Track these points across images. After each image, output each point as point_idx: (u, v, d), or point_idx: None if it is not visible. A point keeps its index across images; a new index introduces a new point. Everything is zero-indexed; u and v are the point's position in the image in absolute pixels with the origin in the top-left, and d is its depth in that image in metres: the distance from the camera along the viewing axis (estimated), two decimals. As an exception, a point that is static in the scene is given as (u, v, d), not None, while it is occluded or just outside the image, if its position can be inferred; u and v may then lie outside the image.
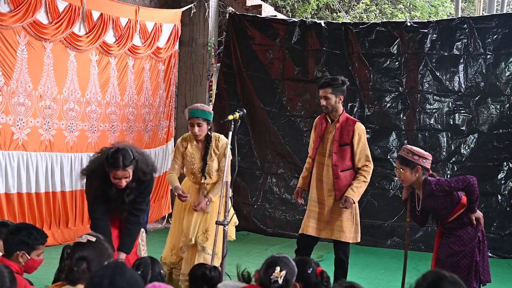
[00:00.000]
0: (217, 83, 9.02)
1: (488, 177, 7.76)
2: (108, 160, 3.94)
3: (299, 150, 8.35)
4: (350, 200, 4.87)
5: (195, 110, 4.79)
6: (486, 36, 7.98)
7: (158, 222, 8.91)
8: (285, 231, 8.30)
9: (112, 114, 7.77)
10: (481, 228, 4.22)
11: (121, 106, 7.91)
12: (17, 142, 6.49)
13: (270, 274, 2.75)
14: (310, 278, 2.90)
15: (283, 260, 2.83)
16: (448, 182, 4.15)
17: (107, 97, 7.65)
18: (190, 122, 4.79)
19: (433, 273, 2.22)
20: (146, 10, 8.23)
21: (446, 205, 4.18)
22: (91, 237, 2.70)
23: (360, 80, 8.38)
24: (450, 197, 4.17)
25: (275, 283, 2.73)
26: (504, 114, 7.88)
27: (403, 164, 4.25)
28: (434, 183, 4.15)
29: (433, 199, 4.18)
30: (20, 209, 6.54)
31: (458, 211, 4.19)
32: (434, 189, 4.13)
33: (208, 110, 4.85)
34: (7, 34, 6.28)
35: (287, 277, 2.76)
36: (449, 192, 4.14)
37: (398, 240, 7.90)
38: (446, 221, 4.25)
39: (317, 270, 2.96)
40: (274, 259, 2.84)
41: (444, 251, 4.22)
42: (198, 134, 4.79)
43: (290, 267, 2.82)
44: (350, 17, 14.76)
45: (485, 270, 4.20)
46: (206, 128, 4.82)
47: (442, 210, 4.20)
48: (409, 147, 4.33)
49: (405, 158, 4.25)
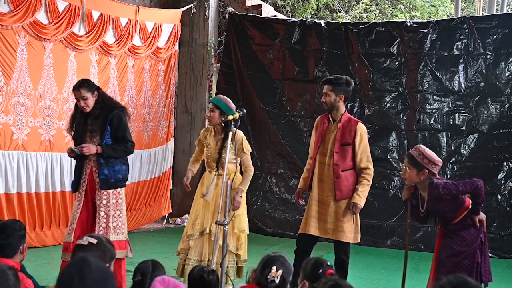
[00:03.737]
0: (217, 83, 9.02)
1: (488, 177, 7.75)
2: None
3: (299, 150, 8.35)
4: (358, 205, 4.88)
5: (214, 98, 5.28)
6: (486, 36, 7.98)
7: (158, 222, 8.91)
8: (285, 231, 8.30)
9: (112, 114, 7.76)
10: (484, 229, 4.21)
11: (121, 106, 7.90)
12: (17, 142, 6.49)
13: (267, 273, 2.74)
14: (319, 278, 2.92)
15: (279, 259, 2.83)
16: (455, 186, 4.09)
17: (107, 97, 7.65)
18: (208, 106, 5.27)
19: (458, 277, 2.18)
20: (146, 10, 8.23)
21: (451, 207, 4.15)
22: (92, 239, 2.69)
23: (360, 80, 8.38)
24: (455, 200, 4.14)
25: (272, 283, 2.73)
26: (504, 114, 7.88)
27: (411, 164, 4.18)
28: (441, 186, 4.09)
29: (439, 202, 4.15)
30: (20, 209, 6.53)
31: (462, 214, 4.17)
32: (441, 192, 4.07)
33: (225, 101, 5.12)
34: (7, 34, 6.28)
35: (283, 276, 2.77)
36: (456, 195, 4.11)
37: (398, 240, 7.90)
38: (450, 223, 4.23)
39: (327, 271, 2.97)
40: (270, 258, 2.84)
41: (446, 251, 4.20)
42: (209, 118, 5.14)
43: (286, 266, 2.83)
44: (350, 17, 14.76)
45: (487, 271, 4.19)
46: (217, 117, 5.07)
47: (447, 212, 4.18)
48: (422, 148, 4.24)
49: (415, 159, 4.17)
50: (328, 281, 2.49)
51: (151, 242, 7.59)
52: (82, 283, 1.89)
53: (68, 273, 1.93)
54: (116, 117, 4.70)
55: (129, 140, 4.77)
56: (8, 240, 3.31)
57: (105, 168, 4.69)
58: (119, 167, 4.74)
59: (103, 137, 4.68)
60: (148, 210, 8.48)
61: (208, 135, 5.24)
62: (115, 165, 4.73)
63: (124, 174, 4.80)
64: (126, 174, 4.83)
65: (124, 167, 4.79)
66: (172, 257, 6.50)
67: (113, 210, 4.70)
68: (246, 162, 5.11)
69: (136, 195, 8.22)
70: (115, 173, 4.72)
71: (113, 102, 4.86)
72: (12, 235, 3.33)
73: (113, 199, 4.71)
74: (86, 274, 1.91)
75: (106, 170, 4.69)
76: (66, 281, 1.91)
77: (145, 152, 8.36)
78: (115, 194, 4.73)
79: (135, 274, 2.94)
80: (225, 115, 4.96)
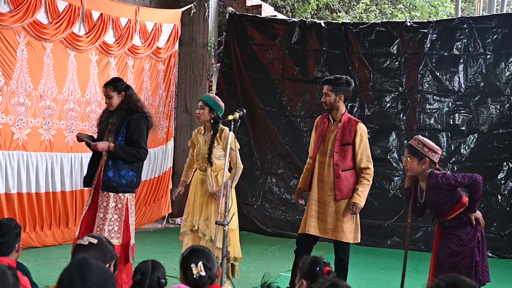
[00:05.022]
0: (217, 83, 9.02)
1: (488, 177, 7.75)
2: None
3: (299, 150, 8.35)
4: (358, 205, 4.88)
5: (204, 96, 5.41)
6: (486, 36, 7.99)
7: (158, 222, 8.91)
8: (285, 231, 8.30)
9: (112, 114, 7.76)
10: (481, 228, 4.20)
11: (121, 106, 7.90)
12: (17, 142, 6.49)
13: (191, 274, 2.65)
14: (316, 276, 2.90)
15: (192, 255, 2.71)
16: (454, 177, 4.12)
17: (107, 97, 7.65)
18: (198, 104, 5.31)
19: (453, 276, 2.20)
20: (146, 10, 8.23)
21: (447, 200, 4.15)
22: (93, 239, 2.69)
23: (360, 80, 8.39)
24: (452, 193, 4.14)
25: (201, 278, 2.66)
26: (504, 114, 7.88)
27: (412, 154, 4.20)
28: (440, 175, 4.12)
29: (436, 192, 4.16)
30: (20, 209, 6.54)
31: (457, 210, 4.17)
32: (440, 182, 4.09)
33: (214, 99, 5.27)
34: (7, 34, 6.28)
35: (206, 265, 2.67)
36: (454, 186, 4.11)
37: (398, 240, 7.91)
38: (444, 219, 4.22)
39: (324, 269, 2.96)
40: (184, 259, 2.71)
41: (444, 252, 4.20)
42: (198, 116, 5.27)
43: (201, 254, 2.72)
44: (350, 17, 14.76)
45: (484, 270, 4.19)
46: (207, 114, 5.22)
47: (442, 205, 4.18)
48: (421, 138, 4.29)
49: (415, 148, 4.20)
50: (325, 281, 2.46)
51: (151, 242, 7.59)
52: (83, 284, 1.89)
53: (69, 274, 1.92)
54: (134, 121, 4.75)
55: (142, 146, 4.77)
56: (5, 238, 3.33)
57: (110, 170, 4.69)
58: (125, 172, 4.72)
59: (117, 138, 4.72)
60: (148, 210, 8.48)
61: (198, 134, 5.39)
62: (122, 170, 4.71)
63: (129, 180, 4.74)
64: (132, 180, 4.77)
65: (131, 173, 4.75)
66: (172, 257, 6.52)
67: (111, 213, 4.68)
68: (235, 159, 5.21)
69: (136, 195, 8.21)
70: (119, 177, 4.70)
71: (138, 106, 4.84)
72: (8, 233, 3.36)
73: (113, 202, 4.69)
74: (88, 275, 1.91)
75: (111, 173, 4.69)
76: (67, 283, 1.90)
77: (145, 152, 8.36)
78: (116, 198, 4.70)
79: (135, 274, 2.94)
80: (214, 113, 5.21)
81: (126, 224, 4.74)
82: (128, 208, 4.75)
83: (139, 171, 4.86)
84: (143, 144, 4.77)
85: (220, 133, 5.24)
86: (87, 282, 1.89)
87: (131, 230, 4.79)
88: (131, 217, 4.79)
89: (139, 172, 4.87)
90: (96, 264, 1.96)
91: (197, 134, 5.41)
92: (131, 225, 4.81)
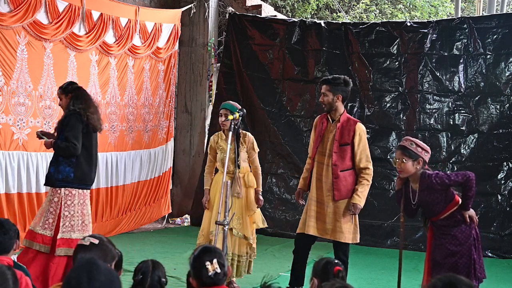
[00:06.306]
0: (217, 83, 9.03)
1: (488, 177, 7.76)
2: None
3: (299, 150, 8.35)
4: (358, 206, 4.89)
5: (225, 103, 5.43)
6: (486, 36, 7.99)
7: (158, 222, 8.91)
8: (285, 231, 8.30)
9: (112, 114, 7.77)
10: (474, 225, 4.18)
11: (121, 106, 7.91)
12: (17, 142, 6.49)
13: (206, 272, 2.63)
14: (327, 275, 2.95)
15: (205, 253, 2.68)
16: (447, 176, 4.11)
17: (107, 97, 7.65)
18: (220, 112, 5.36)
19: (450, 276, 2.21)
20: (146, 10, 8.23)
21: (441, 200, 4.13)
22: (94, 240, 2.69)
23: (360, 80, 8.39)
24: (445, 193, 4.13)
25: (217, 275, 2.64)
26: (504, 114, 7.89)
27: (406, 155, 4.16)
28: (433, 176, 4.10)
29: (430, 193, 4.14)
30: (20, 209, 6.53)
31: (450, 209, 4.15)
32: (433, 182, 4.08)
33: (235, 106, 5.27)
34: (7, 34, 6.27)
35: (220, 262, 2.65)
36: (448, 185, 4.09)
37: (398, 240, 7.89)
38: (437, 218, 4.20)
39: (334, 268, 3.00)
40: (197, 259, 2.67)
41: (441, 252, 4.17)
42: (223, 123, 5.29)
43: (213, 252, 2.70)
44: (350, 17, 14.77)
45: (481, 267, 4.18)
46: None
47: (436, 205, 4.16)
48: (412, 138, 4.27)
49: (408, 149, 4.16)
50: (335, 283, 2.53)
51: (151, 242, 7.59)
52: (91, 284, 1.89)
53: (77, 274, 1.92)
54: (67, 118, 5.00)
55: (71, 141, 4.91)
56: (6, 237, 3.35)
57: (52, 166, 4.97)
58: (62, 168, 4.93)
59: (59, 136, 5.02)
60: (148, 210, 8.48)
61: (219, 139, 5.45)
62: (60, 165, 4.94)
63: (65, 175, 4.91)
64: (69, 175, 4.92)
65: (67, 168, 4.93)
66: (172, 257, 6.52)
67: (48, 205, 4.91)
68: (256, 162, 5.43)
69: (136, 195, 8.23)
70: (57, 173, 4.92)
71: (75, 106, 5.04)
72: (9, 231, 3.37)
73: (51, 195, 4.93)
74: (95, 275, 1.91)
75: (52, 168, 4.96)
76: (75, 282, 1.90)
77: (145, 152, 8.37)
78: (53, 191, 4.94)
79: (135, 274, 2.94)
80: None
81: (59, 218, 4.89)
82: (62, 203, 4.90)
83: (79, 167, 4.97)
84: (72, 138, 4.91)
85: (243, 136, 5.41)
86: (94, 282, 1.89)
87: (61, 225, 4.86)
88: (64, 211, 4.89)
89: (79, 168, 4.97)
90: (103, 265, 1.97)
91: (218, 140, 5.46)
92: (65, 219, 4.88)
